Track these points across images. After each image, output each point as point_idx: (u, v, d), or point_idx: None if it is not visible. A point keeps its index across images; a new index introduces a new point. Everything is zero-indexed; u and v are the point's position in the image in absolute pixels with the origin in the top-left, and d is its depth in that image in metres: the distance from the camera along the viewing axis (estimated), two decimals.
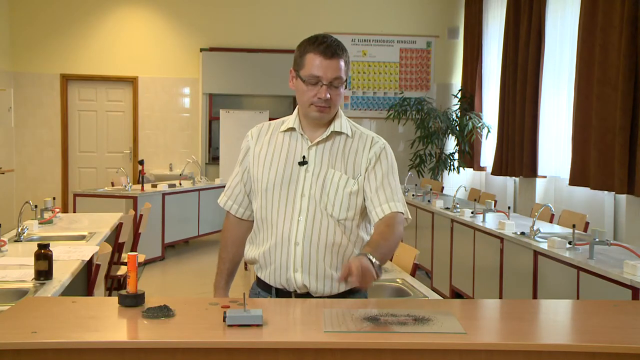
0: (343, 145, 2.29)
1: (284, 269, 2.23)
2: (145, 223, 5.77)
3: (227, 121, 9.48)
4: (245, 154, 2.38)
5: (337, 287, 2.24)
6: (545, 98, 7.16)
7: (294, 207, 2.23)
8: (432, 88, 10.19)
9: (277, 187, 2.26)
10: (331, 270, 2.23)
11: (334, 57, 2.20)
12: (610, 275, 3.44)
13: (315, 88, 2.22)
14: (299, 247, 2.22)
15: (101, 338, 1.79)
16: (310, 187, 2.24)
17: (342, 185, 2.24)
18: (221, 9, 9.80)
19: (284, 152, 2.30)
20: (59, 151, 9.70)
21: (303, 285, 2.22)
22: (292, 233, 2.22)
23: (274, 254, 2.25)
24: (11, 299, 2.75)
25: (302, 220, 2.22)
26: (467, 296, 5.53)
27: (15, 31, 9.45)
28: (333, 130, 2.29)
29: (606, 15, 5.76)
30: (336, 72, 2.21)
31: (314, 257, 2.21)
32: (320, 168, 2.26)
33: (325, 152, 2.28)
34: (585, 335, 1.91)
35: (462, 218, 5.62)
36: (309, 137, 2.29)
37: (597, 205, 6.16)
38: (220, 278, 2.42)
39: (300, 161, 2.26)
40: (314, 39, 2.24)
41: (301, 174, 2.26)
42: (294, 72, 2.29)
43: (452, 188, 8.31)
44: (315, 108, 2.23)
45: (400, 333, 1.84)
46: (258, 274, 2.34)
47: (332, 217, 2.23)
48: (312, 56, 2.21)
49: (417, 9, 10.12)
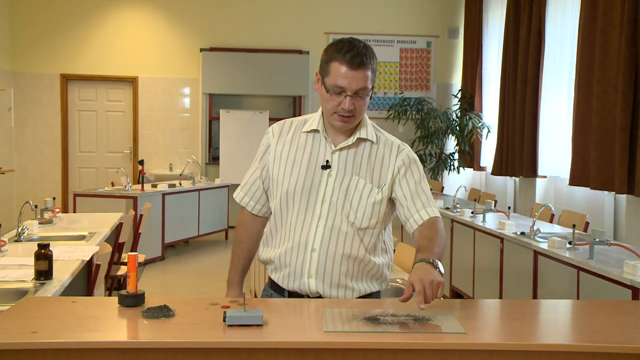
0: (368, 152, 2.24)
1: (298, 274, 2.21)
2: (145, 223, 5.77)
3: (227, 121, 9.48)
4: (266, 151, 2.32)
5: (350, 295, 2.22)
6: (545, 98, 7.16)
7: (314, 212, 2.20)
8: (432, 88, 10.19)
9: (298, 191, 2.22)
10: (346, 279, 2.20)
11: (360, 67, 2.11)
12: (610, 275, 3.44)
13: (339, 98, 2.14)
14: (316, 253, 2.19)
15: (101, 338, 1.79)
16: (332, 194, 2.20)
17: (367, 193, 2.21)
18: (221, 9, 9.80)
19: (306, 154, 2.24)
20: (59, 151, 9.70)
21: (316, 291, 2.20)
22: (310, 239, 2.19)
23: (290, 257, 2.22)
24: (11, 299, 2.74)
25: (321, 227, 2.19)
26: (467, 296, 5.53)
27: (15, 31, 9.45)
28: (359, 137, 2.24)
29: (606, 16, 5.76)
30: (362, 83, 2.13)
31: (330, 264, 2.19)
32: (344, 174, 2.21)
33: (349, 158, 2.23)
34: (585, 335, 1.91)
35: (462, 218, 5.62)
36: (333, 141, 2.24)
37: (597, 205, 6.16)
38: (235, 274, 2.37)
39: (323, 165, 2.22)
40: (341, 45, 2.14)
41: (323, 178, 2.21)
42: (319, 76, 2.21)
43: (452, 188, 8.31)
44: (339, 118, 2.17)
45: (400, 333, 1.84)
46: (271, 276, 2.31)
47: (353, 225, 2.20)
48: (338, 65, 2.13)
49: (417, 9, 10.12)
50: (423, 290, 1.90)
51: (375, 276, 2.28)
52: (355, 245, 2.20)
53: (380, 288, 2.31)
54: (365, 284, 2.25)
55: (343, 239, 2.19)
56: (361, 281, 2.24)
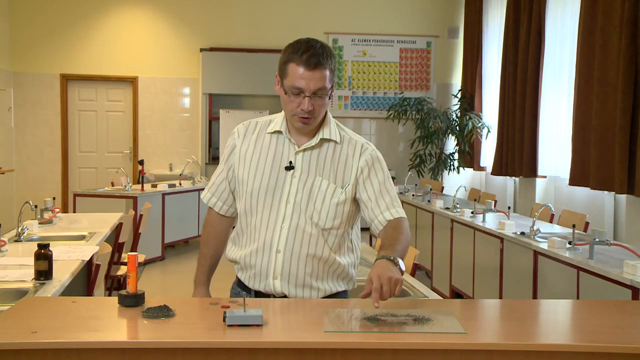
0: (332, 152, 2.24)
1: (263, 275, 2.21)
2: (145, 223, 5.77)
3: (227, 121, 9.48)
4: (231, 151, 2.33)
5: (316, 294, 2.23)
6: (545, 98, 7.16)
7: (278, 213, 2.20)
8: (432, 88, 10.20)
9: (262, 192, 2.22)
10: (311, 280, 2.21)
11: (317, 68, 2.10)
12: (610, 275, 3.44)
13: (298, 99, 2.13)
14: (280, 254, 2.19)
15: (101, 338, 1.79)
16: (296, 194, 2.20)
17: (330, 194, 2.20)
18: (221, 9, 9.80)
19: (270, 155, 2.25)
20: (59, 151, 9.70)
21: (282, 292, 2.21)
22: (275, 240, 2.19)
23: (255, 259, 2.22)
24: (11, 299, 2.74)
25: (285, 228, 2.19)
26: (467, 296, 5.53)
27: (15, 31, 9.45)
28: (322, 137, 2.23)
29: (606, 16, 5.76)
30: (320, 83, 2.11)
31: (295, 265, 2.19)
32: (307, 175, 2.21)
33: (312, 159, 2.23)
34: (585, 335, 1.91)
35: (462, 218, 5.62)
36: (296, 142, 2.24)
37: (597, 205, 6.16)
38: (201, 274, 2.39)
39: (286, 166, 2.22)
40: (298, 46, 2.12)
41: (287, 179, 2.21)
42: (278, 77, 2.19)
43: (452, 188, 8.31)
44: (299, 119, 2.16)
45: (400, 333, 1.84)
46: (238, 275, 2.33)
47: (317, 225, 2.20)
48: (294, 66, 2.11)
49: (417, 9, 10.12)
50: (380, 288, 1.90)
51: (340, 276, 2.28)
52: (320, 246, 2.20)
53: (346, 287, 2.31)
54: (330, 283, 2.26)
55: (307, 239, 2.19)
56: (326, 281, 2.25)
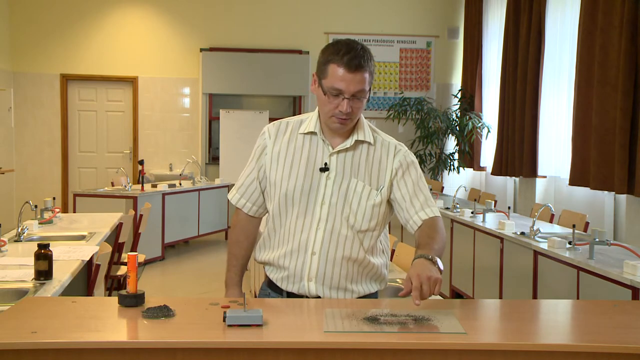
0: (366, 154, 2.24)
1: (297, 277, 2.21)
2: (145, 223, 5.77)
3: (227, 121, 9.48)
4: (262, 151, 2.30)
5: (350, 296, 2.22)
6: (545, 98, 7.16)
7: (314, 215, 2.19)
8: (432, 88, 10.19)
9: (297, 194, 2.21)
10: (346, 282, 2.21)
11: (358, 70, 2.10)
12: (610, 275, 3.44)
13: (337, 100, 2.13)
14: (316, 257, 2.18)
15: (101, 338, 1.79)
16: (332, 196, 2.19)
17: (366, 196, 2.20)
18: (221, 9, 9.80)
19: (304, 156, 2.23)
20: (59, 151, 9.70)
21: (316, 294, 2.20)
22: (310, 242, 2.19)
23: (289, 260, 2.21)
24: (11, 299, 2.75)
25: (321, 230, 2.18)
26: (467, 296, 5.53)
27: (15, 31, 9.45)
28: (357, 139, 2.23)
29: (606, 16, 5.76)
30: (359, 85, 2.11)
31: (330, 268, 2.18)
32: (342, 177, 2.20)
33: (347, 160, 2.22)
34: (585, 335, 1.91)
35: (462, 218, 5.62)
36: (330, 143, 2.23)
37: (597, 205, 6.16)
38: (234, 274, 2.34)
39: (321, 167, 2.21)
40: (339, 47, 2.12)
41: (322, 180, 2.20)
42: (316, 77, 2.19)
43: (452, 188, 8.31)
44: (336, 120, 2.16)
45: (400, 333, 1.84)
46: (270, 276, 2.30)
47: (353, 228, 2.19)
48: (335, 67, 2.10)
49: (417, 9, 10.12)
50: (420, 287, 1.91)
51: (374, 277, 2.28)
52: (355, 248, 2.20)
53: (379, 288, 2.31)
54: (364, 285, 2.26)
55: (343, 241, 2.19)
56: (361, 283, 2.25)
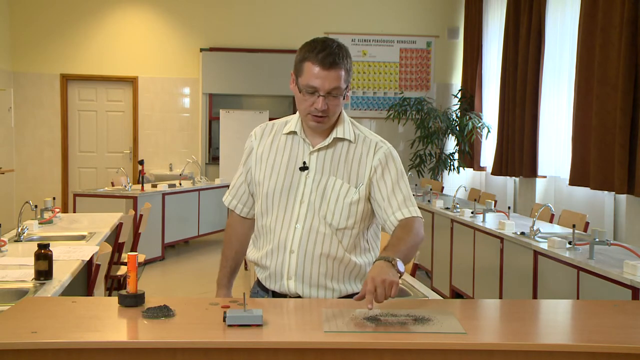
0: (346, 151, 2.24)
1: (278, 276, 2.22)
2: (145, 223, 5.77)
3: (227, 121, 9.48)
4: (249, 154, 2.34)
5: (331, 295, 2.23)
6: (545, 98, 7.16)
7: (292, 213, 2.20)
8: (432, 88, 10.19)
9: (277, 193, 2.23)
10: (325, 280, 2.21)
11: (332, 67, 2.11)
12: (610, 275, 3.44)
13: (312, 98, 2.14)
14: (294, 255, 2.19)
15: (101, 338, 1.79)
16: (310, 194, 2.20)
17: (343, 194, 2.20)
18: (221, 9, 9.80)
19: (285, 156, 2.26)
20: (59, 151, 9.70)
21: (296, 292, 2.21)
22: (289, 240, 2.20)
23: (270, 259, 2.24)
24: (11, 299, 2.75)
25: (299, 228, 2.19)
26: (467, 296, 5.53)
27: (15, 31, 9.45)
28: (335, 137, 2.24)
29: (606, 15, 5.76)
30: (335, 83, 2.12)
31: (309, 266, 2.19)
32: (321, 175, 2.21)
33: (326, 158, 2.23)
34: (585, 335, 1.91)
35: (462, 218, 5.62)
36: (311, 142, 2.25)
37: (597, 205, 6.16)
38: (223, 275, 2.40)
39: (300, 166, 2.23)
40: (314, 45, 2.14)
41: (302, 179, 2.22)
42: (293, 76, 2.22)
43: (452, 188, 8.31)
44: (312, 118, 2.17)
45: (400, 333, 1.84)
46: (258, 275, 2.34)
47: (330, 225, 2.20)
48: (310, 65, 2.13)
49: (417, 9, 10.12)
50: (374, 290, 1.89)
51: (358, 276, 2.27)
52: (334, 246, 2.20)
53: None
54: (346, 284, 2.25)
55: (321, 239, 2.19)
56: (342, 282, 2.24)
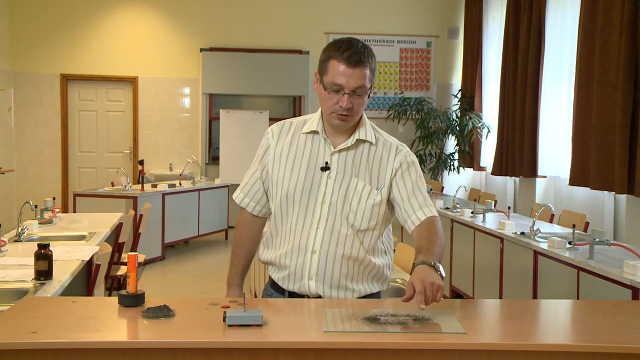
0: (367, 153, 2.25)
1: (298, 276, 2.21)
2: (145, 223, 5.77)
3: (227, 121, 9.48)
4: (265, 151, 2.32)
5: (351, 295, 2.23)
6: (545, 98, 7.17)
7: (314, 214, 2.20)
8: (432, 88, 10.19)
9: (297, 193, 2.22)
10: (346, 281, 2.21)
11: (358, 65, 2.12)
12: (610, 275, 3.44)
13: (337, 96, 2.15)
14: (316, 255, 2.19)
15: (101, 338, 1.79)
16: (332, 195, 2.20)
17: (366, 195, 2.21)
18: (221, 9, 9.80)
19: (306, 155, 2.25)
20: (59, 151, 9.70)
21: (317, 293, 2.21)
22: (310, 241, 2.20)
23: (290, 259, 2.22)
24: (11, 299, 2.75)
25: (321, 229, 2.19)
26: (467, 296, 5.53)
27: (15, 31, 9.45)
28: (358, 138, 2.24)
29: (606, 16, 5.76)
30: (360, 81, 2.13)
31: (330, 266, 2.19)
32: (343, 175, 2.21)
33: (348, 159, 2.23)
34: (585, 335, 1.91)
35: (462, 218, 5.62)
36: (332, 142, 2.24)
37: (597, 205, 6.16)
38: (235, 274, 2.37)
39: (322, 166, 2.22)
40: (340, 44, 2.16)
41: (323, 179, 2.22)
42: (318, 75, 2.21)
43: (452, 188, 8.31)
44: (337, 116, 2.18)
45: (400, 333, 1.84)
46: (272, 276, 2.31)
47: (352, 227, 2.20)
48: (336, 63, 2.14)
49: (417, 9, 10.12)
50: (424, 291, 1.90)
51: (375, 277, 2.28)
52: (356, 247, 2.20)
53: (381, 288, 2.31)
54: (365, 285, 2.26)
55: (343, 240, 2.19)
56: (361, 282, 2.25)
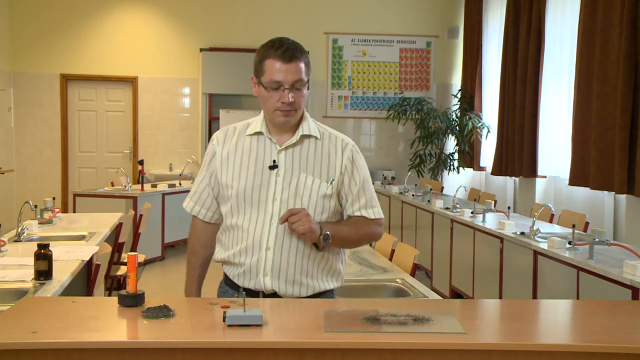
0: (314, 148, 2.28)
1: (253, 273, 2.23)
2: (145, 223, 5.77)
3: (227, 121, 9.47)
4: (212, 158, 2.35)
5: (305, 292, 2.25)
6: (545, 98, 7.16)
7: (266, 211, 2.23)
8: (432, 88, 10.19)
9: (248, 192, 2.25)
10: (301, 276, 2.23)
11: (292, 60, 2.20)
12: (610, 275, 3.44)
13: (278, 93, 2.21)
14: (270, 252, 2.21)
15: (101, 338, 1.79)
16: (282, 192, 2.23)
17: (316, 189, 2.24)
18: (221, 9, 9.80)
19: (252, 156, 2.28)
20: (59, 151, 9.70)
21: (272, 289, 2.23)
22: (264, 238, 2.22)
23: (244, 257, 2.24)
24: (11, 299, 2.75)
25: (274, 225, 2.22)
26: (467, 296, 5.53)
27: (15, 31, 9.45)
28: (302, 134, 2.28)
29: (606, 15, 5.76)
30: (297, 75, 2.20)
31: (285, 262, 2.22)
32: (291, 172, 2.25)
33: (295, 156, 2.27)
34: (585, 335, 1.91)
35: (462, 218, 5.62)
36: (277, 141, 2.28)
37: (597, 205, 6.16)
38: (192, 284, 2.43)
39: (270, 165, 2.25)
40: (271, 43, 2.24)
41: (272, 178, 2.24)
42: (255, 79, 2.28)
43: (452, 188, 8.31)
44: (280, 113, 2.23)
45: (400, 333, 1.84)
46: (227, 273, 2.34)
47: None
48: (271, 61, 2.21)
49: (417, 9, 10.12)
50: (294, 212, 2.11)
51: (330, 272, 2.30)
52: (309, 242, 2.23)
53: (335, 285, 2.34)
54: (320, 281, 2.28)
55: (297, 235, 2.21)
56: (316, 278, 2.27)
